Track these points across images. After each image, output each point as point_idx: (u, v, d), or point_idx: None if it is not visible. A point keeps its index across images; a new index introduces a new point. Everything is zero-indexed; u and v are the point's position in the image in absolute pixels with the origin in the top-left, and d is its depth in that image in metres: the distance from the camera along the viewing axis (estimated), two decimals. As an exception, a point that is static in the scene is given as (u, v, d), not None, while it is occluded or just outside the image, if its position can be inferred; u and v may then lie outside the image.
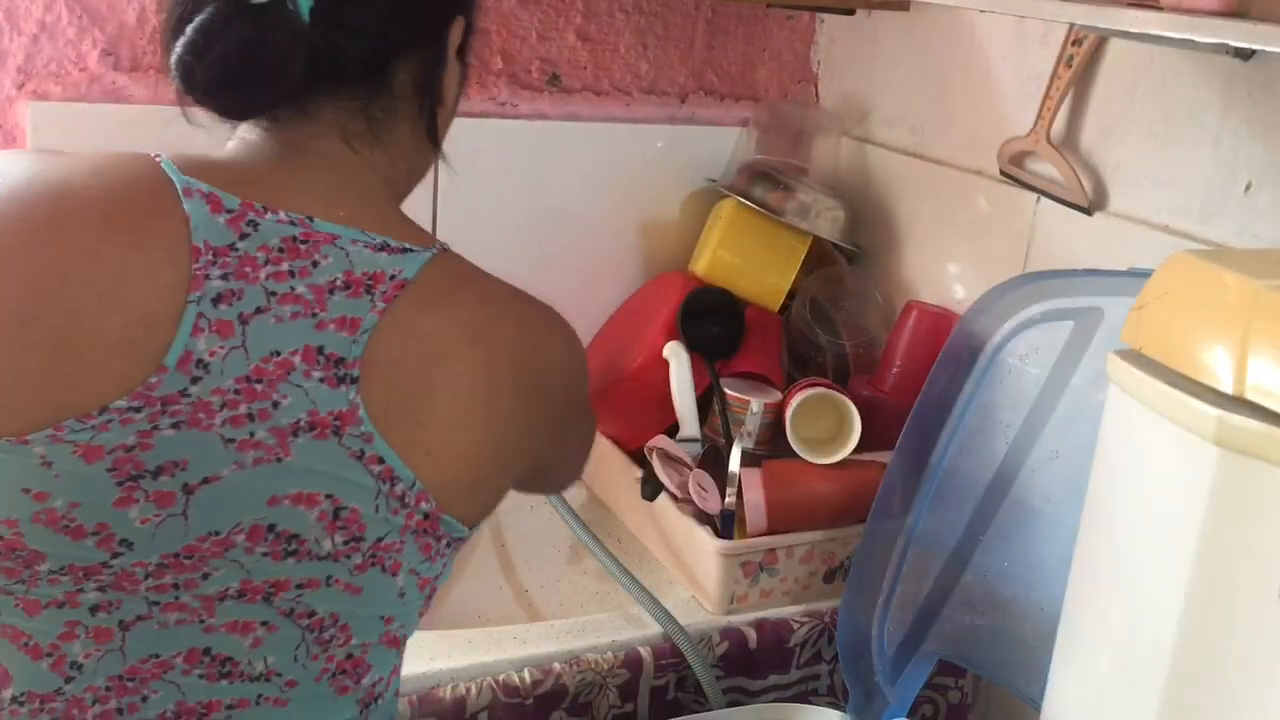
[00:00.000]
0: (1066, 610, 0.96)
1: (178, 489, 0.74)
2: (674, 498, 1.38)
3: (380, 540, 0.79)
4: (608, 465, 1.56)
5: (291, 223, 0.78)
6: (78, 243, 0.74)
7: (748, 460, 1.38)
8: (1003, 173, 1.45)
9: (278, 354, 0.75)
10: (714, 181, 1.70)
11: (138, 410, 0.73)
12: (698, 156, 1.71)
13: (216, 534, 0.76)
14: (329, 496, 0.77)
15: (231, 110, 0.83)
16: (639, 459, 1.47)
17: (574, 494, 1.62)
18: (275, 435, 0.75)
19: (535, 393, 0.85)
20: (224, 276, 0.75)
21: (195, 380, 0.74)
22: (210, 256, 0.75)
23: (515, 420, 0.84)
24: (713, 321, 1.56)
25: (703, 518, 1.36)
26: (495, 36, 1.57)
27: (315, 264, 0.77)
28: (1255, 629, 0.78)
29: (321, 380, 0.76)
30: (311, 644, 0.80)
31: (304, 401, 0.75)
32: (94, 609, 0.77)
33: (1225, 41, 0.89)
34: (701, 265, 1.62)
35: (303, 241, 0.77)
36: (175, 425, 0.74)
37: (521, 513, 1.56)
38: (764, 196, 1.60)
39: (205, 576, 0.77)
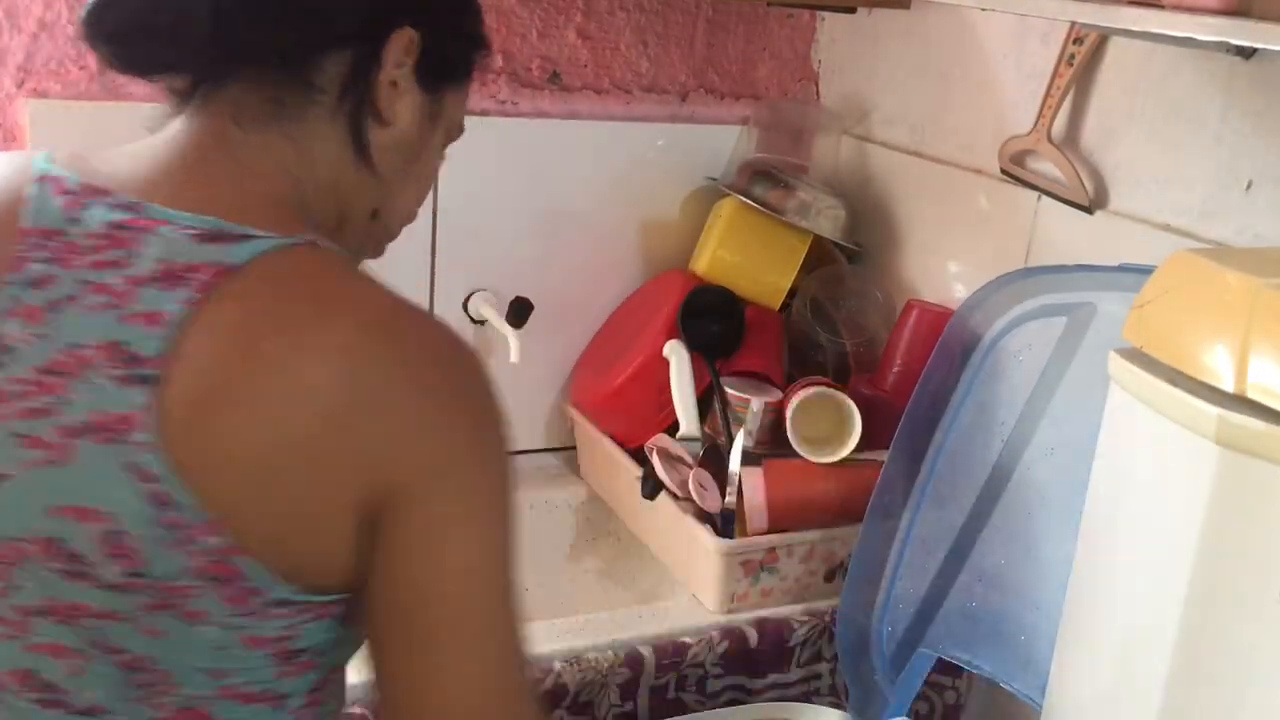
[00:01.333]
0: (1068, 609, 0.96)
1: None
2: (674, 496, 1.38)
3: (166, 580, 0.69)
4: (608, 464, 1.56)
5: (122, 207, 0.73)
6: None
7: (748, 459, 1.38)
8: (1004, 171, 1.45)
9: (78, 346, 0.70)
10: (714, 180, 1.70)
11: None
12: (698, 155, 1.71)
13: (14, 539, 0.71)
14: (105, 515, 0.68)
15: (129, 62, 0.79)
16: (639, 458, 1.47)
17: (573, 492, 1.62)
18: (60, 434, 0.69)
19: (372, 421, 0.69)
20: (46, 261, 0.72)
21: (0, 365, 0.71)
22: (37, 239, 0.73)
23: (334, 451, 0.69)
24: (713, 320, 1.56)
25: (703, 516, 1.36)
26: (495, 34, 1.57)
27: (133, 255, 0.71)
28: (1256, 628, 0.78)
29: (119, 379, 0.68)
30: (132, 686, 0.72)
31: (92, 400, 0.68)
32: None
33: (1226, 40, 0.89)
34: (702, 264, 1.62)
35: (124, 228, 0.72)
36: None
37: (520, 510, 1.56)
38: (764, 195, 1.60)
39: (16, 587, 0.72)
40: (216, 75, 0.79)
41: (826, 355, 1.60)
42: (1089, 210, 1.33)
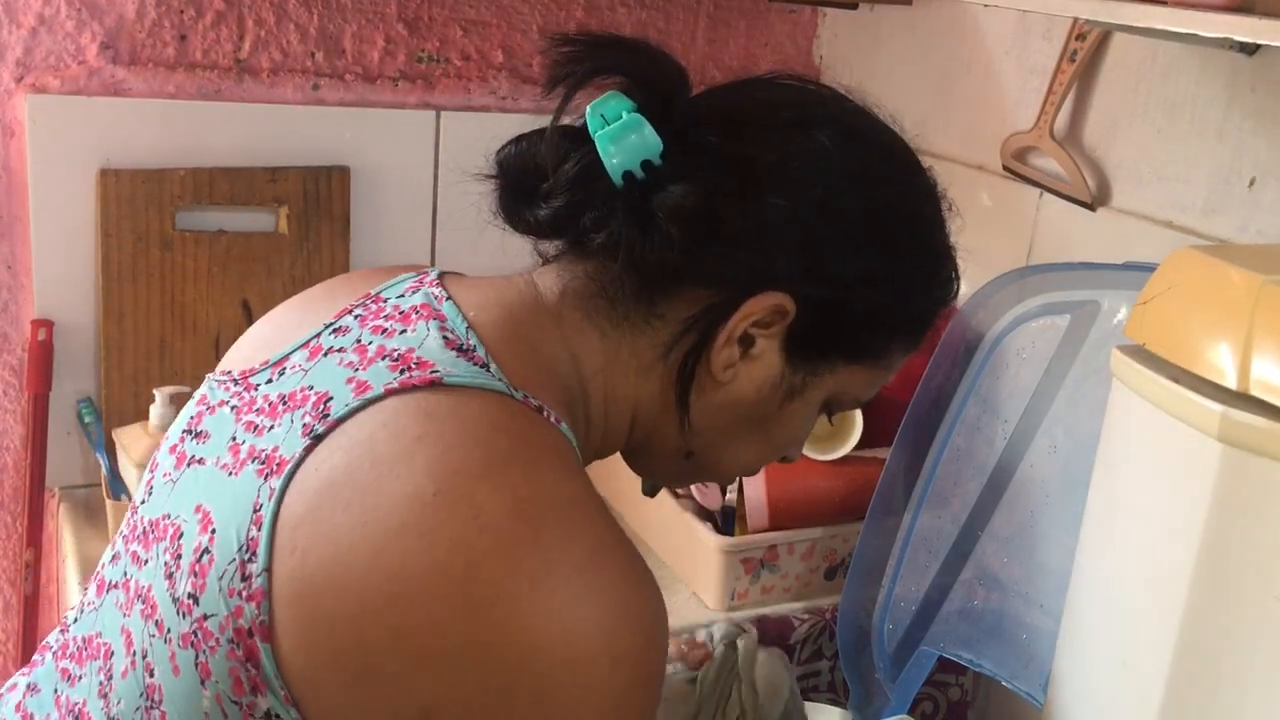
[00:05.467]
0: (1069, 607, 0.96)
1: (189, 455, 0.76)
2: (675, 494, 1.38)
3: (206, 618, 0.66)
4: (608, 461, 1.55)
5: (432, 296, 0.76)
6: (336, 286, 0.85)
7: (749, 456, 1.38)
8: (1006, 168, 1.44)
9: (310, 388, 0.71)
10: (715, 176, 1.70)
11: (235, 382, 0.78)
12: (699, 151, 1.71)
13: (170, 518, 0.73)
14: (213, 532, 0.68)
15: (504, 213, 0.81)
16: (640, 455, 1.47)
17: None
18: (248, 452, 0.70)
19: (465, 627, 0.61)
20: (355, 316, 0.76)
21: (269, 381, 0.75)
22: (367, 301, 0.78)
23: (395, 630, 0.62)
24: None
25: (704, 514, 1.36)
26: (495, 30, 1.57)
27: (401, 331, 0.72)
28: (1258, 627, 0.78)
29: (305, 427, 0.68)
30: (141, 716, 0.70)
31: (280, 436, 0.69)
32: (113, 557, 0.78)
33: (1229, 36, 0.89)
34: (703, 260, 1.61)
35: (418, 311, 0.74)
36: (233, 408, 0.76)
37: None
38: (766, 192, 1.60)
39: (145, 562, 0.73)
40: (564, 251, 0.80)
41: (828, 352, 1.60)
42: (1091, 207, 1.33)
